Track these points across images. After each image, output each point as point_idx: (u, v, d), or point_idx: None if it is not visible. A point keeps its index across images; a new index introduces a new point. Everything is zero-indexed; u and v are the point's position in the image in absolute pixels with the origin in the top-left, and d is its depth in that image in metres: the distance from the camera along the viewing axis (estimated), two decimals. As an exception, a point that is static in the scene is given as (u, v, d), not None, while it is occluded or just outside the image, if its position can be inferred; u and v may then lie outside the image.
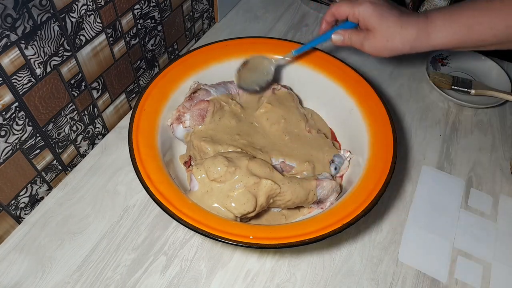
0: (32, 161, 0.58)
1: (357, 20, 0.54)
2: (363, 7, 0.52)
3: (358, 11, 0.52)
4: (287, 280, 0.56)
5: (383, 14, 0.51)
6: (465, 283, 0.57)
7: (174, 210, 0.48)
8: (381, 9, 0.51)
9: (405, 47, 0.53)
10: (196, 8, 0.83)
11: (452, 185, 0.68)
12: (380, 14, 0.51)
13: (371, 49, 0.54)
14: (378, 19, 0.51)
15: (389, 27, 0.51)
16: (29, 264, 0.56)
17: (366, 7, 0.52)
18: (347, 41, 0.56)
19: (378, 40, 0.52)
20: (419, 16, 0.52)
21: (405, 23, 0.51)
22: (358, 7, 0.53)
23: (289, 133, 0.63)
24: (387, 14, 0.51)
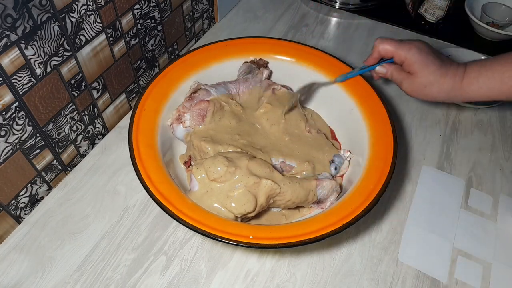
0: (32, 161, 0.58)
1: (402, 62, 0.56)
2: (410, 53, 0.54)
3: (404, 56, 0.55)
4: (287, 280, 0.56)
5: (427, 63, 0.54)
6: (465, 283, 0.57)
7: (174, 210, 0.48)
8: (426, 57, 0.54)
9: (440, 96, 0.55)
10: (196, 8, 0.83)
11: (452, 185, 0.68)
12: (424, 62, 0.54)
13: (408, 90, 0.57)
14: (421, 66, 0.54)
15: (429, 74, 0.54)
16: (29, 264, 0.56)
17: (413, 54, 0.54)
18: (389, 75, 0.59)
19: (417, 84, 0.55)
20: (458, 67, 0.54)
21: (444, 74, 0.53)
22: (406, 52, 0.55)
23: (289, 133, 0.63)
24: (431, 62, 0.54)
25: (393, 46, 0.56)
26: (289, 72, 0.69)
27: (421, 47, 0.55)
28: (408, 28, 0.95)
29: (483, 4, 0.94)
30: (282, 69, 0.70)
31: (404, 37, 0.93)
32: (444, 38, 0.92)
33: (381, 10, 0.99)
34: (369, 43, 0.91)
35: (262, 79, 0.67)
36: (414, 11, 0.98)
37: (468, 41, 0.91)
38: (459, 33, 0.95)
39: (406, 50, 0.55)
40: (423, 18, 0.97)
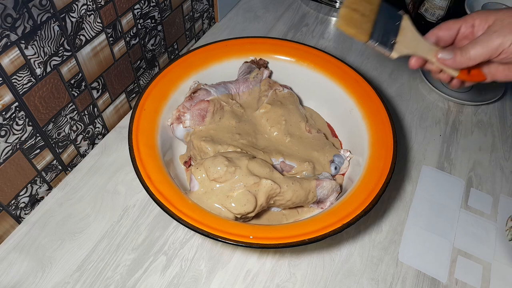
0: (32, 161, 0.58)
1: (471, 26, 0.48)
2: (476, 13, 0.47)
3: (472, 17, 0.47)
4: (287, 280, 0.56)
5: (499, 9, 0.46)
6: (465, 283, 0.57)
7: (174, 210, 0.48)
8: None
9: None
10: (196, 8, 0.83)
11: (452, 185, 0.68)
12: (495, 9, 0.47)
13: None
14: (496, 11, 0.45)
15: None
16: (29, 264, 0.56)
17: (479, 11, 0.48)
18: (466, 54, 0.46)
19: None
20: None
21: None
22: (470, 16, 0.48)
23: (289, 133, 0.63)
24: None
25: (454, 22, 0.48)
26: (289, 72, 0.70)
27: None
28: (408, 28, 0.94)
29: (483, 4, 0.93)
30: (282, 69, 0.70)
31: (404, 37, 0.93)
32: (444, 38, 0.92)
33: (381, 10, 0.99)
34: (369, 43, 0.91)
35: (262, 79, 0.67)
36: (414, 11, 0.98)
37: (468, 41, 0.91)
38: (459, 33, 0.94)
39: (472, 14, 0.47)
40: (423, 18, 0.97)
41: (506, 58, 0.45)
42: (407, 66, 0.86)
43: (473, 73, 0.49)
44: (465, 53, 0.46)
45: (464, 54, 0.46)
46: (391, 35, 0.49)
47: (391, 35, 0.49)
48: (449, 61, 0.47)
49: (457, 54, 0.46)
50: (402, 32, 0.49)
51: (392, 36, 0.49)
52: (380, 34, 0.48)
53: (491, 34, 0.44)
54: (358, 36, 0.48)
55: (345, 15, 0.48)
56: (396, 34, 0.49)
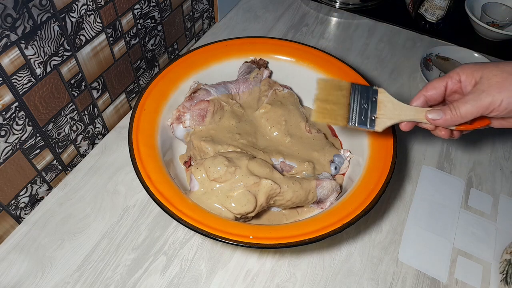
0: (32, 161, 0.58)
1: (458, 82, 0.48)
2: (463, 66, 0.47)
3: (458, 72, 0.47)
4: (287, 280, 0.56)
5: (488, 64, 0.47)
6: (465, 283, 0.57)
7: (174, 210, 0.48)
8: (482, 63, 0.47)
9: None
10: (196, 8, 0.83)
11: (452, 185, 0.68)
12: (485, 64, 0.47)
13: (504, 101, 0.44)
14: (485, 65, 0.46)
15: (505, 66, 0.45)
16: (29, 264, 0.56)
17: (465, 65, 0.48)
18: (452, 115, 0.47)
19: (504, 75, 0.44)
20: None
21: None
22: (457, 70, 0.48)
23: (289, 133, 0.63)
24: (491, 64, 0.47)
25: (439, 80, 0.49)
26: (289, 72, 0.70)
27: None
28: (408, 28, 0.95)
29: (483, 4, 0.94)
30: (282, 69, 0.70)
31: (404, 36, 0.93)
32: (444, 38, 0.92)
33: (381, 10, 0.99)
34: (369, 43, 0.91)
35: (262, 79, 0.67)
36: (414, 11, 0.98)
37: (468, 41, 0.91)
38: (459, 33, 0.95)
39: (456, 70, 0.48)
40: (423, 18, 0.97)
41: (498, 115, 0.45)
42: (407, 66, 0.86)
43: (476, 120, 0.49)
44: (455, 111, 0.46)
45: (454, 112, 0.46)
46: (370, 112, 0.50)
47: (369, 112, 0.50)
48: (439, 120, 0.48)
49: (447, 113, 0.47)
50: (381, 105, 0.50)
51: (371, 113, 0.50)
52: (357, 116, 0.50)
53: (479, 94, 0.45)
54: (336, 124, 0.50)
55: (318, 109, 0.50)
56: (375, 110, 0.50)
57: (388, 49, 0.90)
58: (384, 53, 0.89)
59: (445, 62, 0.84)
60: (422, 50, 0.89)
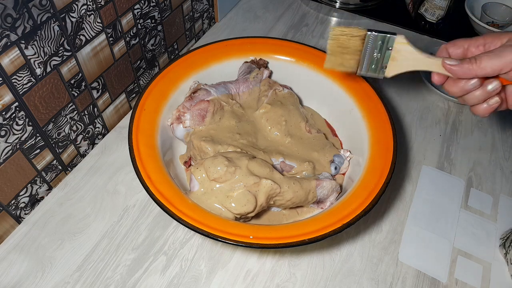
0: (32, 161, 0.58)
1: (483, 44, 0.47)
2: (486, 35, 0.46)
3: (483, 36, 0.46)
4: (287, 280, 0.56)
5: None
6: (465, 283, 0.57)
7: (174, 210, 0.48)
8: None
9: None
10: (196, 8, 0.83)
11: (452, 185, 0.68)
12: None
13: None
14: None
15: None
16: (29, 264, 0.56)
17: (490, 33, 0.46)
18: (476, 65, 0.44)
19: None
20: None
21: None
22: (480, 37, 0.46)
23: (289, 133, 0.63)
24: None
25: (462, 39, 0.48)
26: (289, 72, 0.70)
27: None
28: (408, 28, 0.95)
29: (483, 4, 0.94)
30: (282, 69, 0.70)
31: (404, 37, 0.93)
32: (444, 38, 0.92)
33: (381, 10, 0.99)
34: (369, 43, 0.91)
35: (262, 79, 0.67)
36: (414, 11, 0.98)
37: (468, 41, 0.91)
38: (459, 33, 0.94)
39: (481, 35, 0.47)
40: (423, 18, 0.97)
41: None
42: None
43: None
44: (474, 61, 0.44)
45: (473, 61, 0.44)
46: (382, 61, 0.50)
47: (381, 62, 0.50)
48: (455, 67, 0.45)
49: (465, 62, 0.45)
50: (397, 54, 0.49)
51: (383, 62, 0.50)
52: (367, 65, 0.50)
53: (505, 48, 0.44)
54: (346, 70, 0.50)
55: (330, 57, 0.50)
56: (387, 59, 0.49)
57: (388, 49, 0.90)
58: (384, 53, 0.89)
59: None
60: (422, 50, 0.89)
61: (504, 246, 0.59)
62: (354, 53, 0.50)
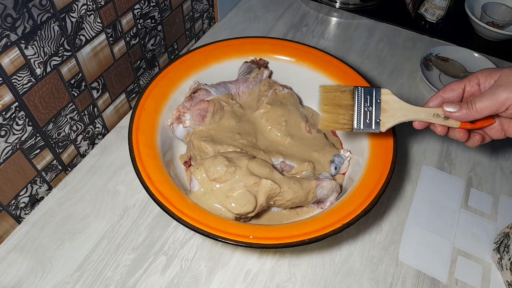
0: (32, 161, 0.58)
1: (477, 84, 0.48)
2: (481, 71, 0.48)
3: (476, 75, 0.48)
4: (287, 280, 0.56)
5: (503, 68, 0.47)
6: (465, 283, 0.57)
7: (174, 210, 0.48)
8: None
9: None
10: (196, 8, 0.83)
11: (452, 185, 0.68)
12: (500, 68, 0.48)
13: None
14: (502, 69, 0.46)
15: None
16: (29, 264, 0.56)
17: (484, 70, 0.48)
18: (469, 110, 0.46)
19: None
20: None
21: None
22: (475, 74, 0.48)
23: (289, 133, 0.63)
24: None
25: (457, 82, 0.49)
26: (289, 72, 0.70)
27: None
28: (408, 28, 0.95)
29: (483, 4, 0.94)
30: (282, 69, 0.70)
31: (404, 37, 0.93)
32: (444, 38, 0.92)
33: (381, 10, 0.99)
34: (369, 43, 0.91)
35: (262, 79, 0.67)
36: (414, 11, 0.98)
37: (468, 41, 0.91)
38: (459, 33, 0.95)
39: (475, 73, 0.48)
40: (423, 18, 0.97)
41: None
42: (407, 66, 0.86)
43: (478, 122, 0.49)
44: (471, 105, 0.46)
45: (470, 106, 0.46)
46: (375, 114, 0.50)
47: (374, 115, 0.50)
48: (455, 113, 0.47)
49: (463, 107, 0.47)
50: (386, 106, 0.50)
51: (375, 115, 0.50)
52: (362, 119, 0.50)
53: (496, 88, 0.44)
54: (342, 129, 0.50)
55: (323, 117, 0.50)
56: (379, 112, 0.50)
57: (388, 49, 0.90)
58: (384, 53, 0.89)
59: (444, 63, 0.84)
60: (422, 50, 0.89)
61: (498, 251, 0.58)
62: (347, 108, 0.50)
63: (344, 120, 0.50)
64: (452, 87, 0.50)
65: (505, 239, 0.58)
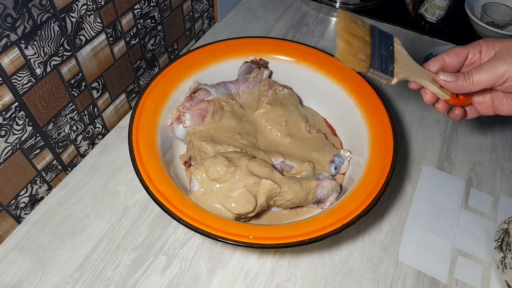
0: (32, 161, 0.58)
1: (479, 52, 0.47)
2: (481, 40, 0.46)
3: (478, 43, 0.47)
4: (287, 280, 0.56)
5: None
6: (465, 283, 0.57)
7: (174, 210, 0.48)
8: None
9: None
10: (196, 8, 0.83)
11: (452, 185, 0.68)
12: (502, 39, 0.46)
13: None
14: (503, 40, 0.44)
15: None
16: (29, 264, 0.56)
17: (485, 39, 0.47)
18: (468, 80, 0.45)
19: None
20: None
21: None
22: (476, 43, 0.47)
23: (289, 133, 0.63)
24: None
25: (461, 47, 0.47)
26: (289, 72, 0.70)
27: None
28: (408, 28, 0.95)
29: (483, 4, 0.94)
30: (282, 69, 0.70)
31: (404, 37, 0.93)
32: (444, 38, 0.92)
33: (381, 10, 0.99)
34: (369, 43, 0.91)
35: (262, 79, 0.67)
36: (414, 11, 0.98)
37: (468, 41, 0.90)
38: (459, 33, 0.95)
39: (479, 41, 0.46)
40: (423, 18, 0.97)
41: (510, 87, 0.44)
42: (407, 66, 0.86)
43: (461, 98, 0.49)
44: (468, 77, 0.45)
45: (467, 78, 0.45)
46: (389, 61, 0.48)
47: (388, 61, 0.48)
48: (451, 83, 0.46)
49: (460, 78, 0.45)
50: (398, 57, 0.48)
51: (389, 62, 0.48)
52: (379, 62, 0.47)
53: (496, 61, 0.43)
54: (358, 68, 0.47)
55: (343, 44, 0.46)
56: (392, 60, 0.48)
57: (388, 49, 0.90)
58: (384, 53, 0.89)
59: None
60: (422, 50, 0.89)
61: (500, 249, 0.57)
62: (365, 45, 0.47)
63: (363, 56, 0.46)
64: (456, 51, 0.48)
65: (505, 237, 0.57)
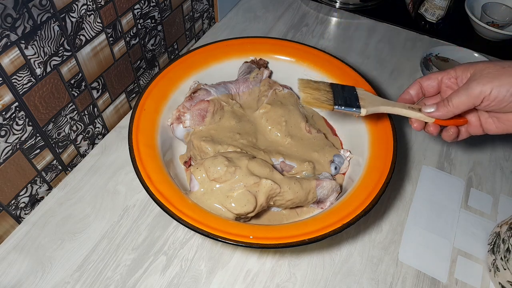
0: (32, 161, 0.58)
1: (455, 77, 0.49)
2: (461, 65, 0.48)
3: (454, 69, 0.49)
4: (287, 280, 0.56)
5: (487, 62, 0.47)
6: (465, 283, 0.57)
7: (174, 210, 0.48)
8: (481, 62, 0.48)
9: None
10: (196, 8, 0.83)
11: (452, 185, 0.68)
12: (483, 62, 0.47)
13: (497, 95, 0.44)
14: (483, 63, 0.46)
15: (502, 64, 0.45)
16: (29, 264, 0.56)
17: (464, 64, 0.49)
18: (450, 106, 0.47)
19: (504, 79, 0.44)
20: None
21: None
22: (456, 68, 0.49)
23: (290, 133, 0.63)
24: (490, 63, 0.47)
25: (436, 73, 0.51)
26: (289, 72, 0.69)
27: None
28: (408, 28, 0.95)
29: (483, 4, 0.94)
30: (282, 69, 0.70)
31: (404, 37, 0.93)
32: (444, 38, 0.92)
33: (381, 10, 0.99)
34: (369, 43, 0.91)
35: (262, 79, 0.67)
36: (414, 11, 0.98)
37: (468, 41, 0.91)
38: (459, 33, 0.95)
39: (454, 67, 0.49)
40: (423, 18, 0.97)
41: (489, 105, 0.46)
42: (407, 66, 0.86)
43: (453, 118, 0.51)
44: (447, 103, 0.48)
45: (447, 104, 0.48)
46: (353, 100, 0.52)
47: (353, 100, 0.52)
48: (434, 113, 0.49)
49: (440, 105, 0.48)
50: (363, 96, 0.52)
51: (354, 100, 0.52)
52: (343, 101, 0.51)
53: (470, 83, 0.46)
54: (323, 108, 0.51)
55: (305, 96, 0.51)
56: (357, 99, 0.52)
57: (388, 49, 0.90)
58: (384, 53, 0.89)
59: (444, 63, 0.84)
60: (422, 50, 0.89)
61: (493, 252, 0.57)
62: (326, 92, 0.52)
63: (325, 99, 0.51)
64: (430, 76, 0.52)
65: (497, 240, 0.57)
